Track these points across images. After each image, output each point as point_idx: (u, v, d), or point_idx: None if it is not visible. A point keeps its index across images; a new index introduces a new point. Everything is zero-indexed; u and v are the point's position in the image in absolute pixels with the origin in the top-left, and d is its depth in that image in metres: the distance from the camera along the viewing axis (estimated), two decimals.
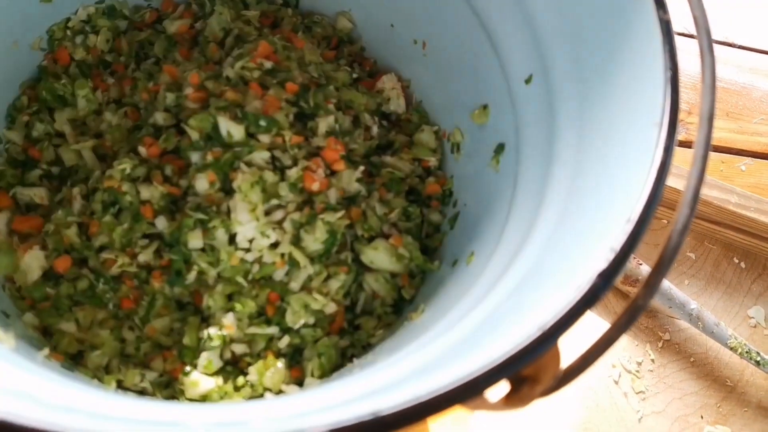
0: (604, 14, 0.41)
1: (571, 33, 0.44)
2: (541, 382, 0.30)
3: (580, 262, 0.31)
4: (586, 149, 0.40)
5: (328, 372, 0.48)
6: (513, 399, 0.29)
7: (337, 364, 0.49)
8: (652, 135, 0.34)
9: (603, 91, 0.40)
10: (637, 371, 0.74)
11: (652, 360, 0.75)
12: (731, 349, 0.72)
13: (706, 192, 0.85)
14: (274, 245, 0.48)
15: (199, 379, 0.45)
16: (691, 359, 0.75)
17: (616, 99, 0.39)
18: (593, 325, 0.73)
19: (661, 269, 0.32)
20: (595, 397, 0.71)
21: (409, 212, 0.55)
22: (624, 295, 0.76)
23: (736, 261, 0.82)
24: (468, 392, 0.25)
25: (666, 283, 0.74)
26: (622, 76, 0.39)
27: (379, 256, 0.51)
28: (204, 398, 0.45)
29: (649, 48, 0.37)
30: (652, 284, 0.32)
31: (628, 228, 0.30)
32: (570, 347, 0.32)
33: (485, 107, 0.54)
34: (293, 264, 0.48)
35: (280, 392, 0.46)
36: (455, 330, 0.35)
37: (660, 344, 0.75)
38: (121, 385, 0.45)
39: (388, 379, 0.32)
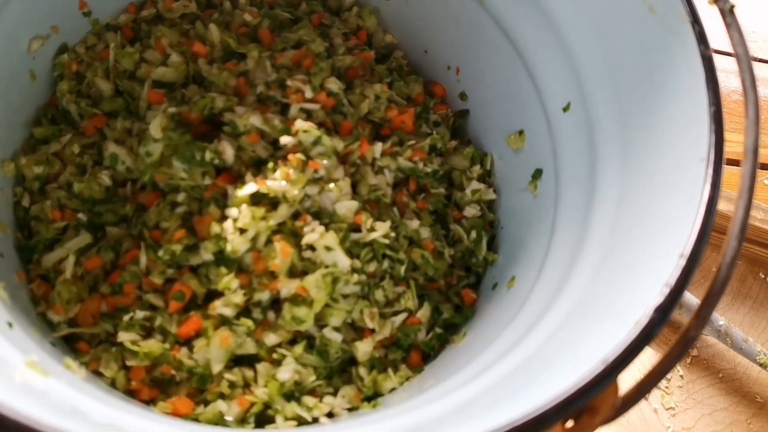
0: (644, 48, 0.43)
1: (610, 65, 0.46)
2: (600, 411, 0.31)
3: (634, 296, 0.32)
4: (629, 181, 0.41)
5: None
6: (574, 429, 0.30)
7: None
8: (699, 171, 0.35)
9: (645, 124, 0.42)
10: (667, 387, 0.74)
11: (681, 376, 0.75)
12: (760, 365, 0.73)
13: (731, 208, 0.86)
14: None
15: None
16: (720, 375, 0.76)
17: (658, 133, 0.40)
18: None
19: (711, 301, 0.34)
20: (625, 414, 0.72)
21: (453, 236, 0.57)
22: None
23: (762, 276, 0.82)
24: (539, 426, 0.26)
25: (694, 300, 0.75)
26: (664, 110, 0.40)
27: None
28: None
29: (691, 83, 0.39)
30: (703, 315, 0.33)
31: (682, 263, 0.31)
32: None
33: (521, 133, 0.56)
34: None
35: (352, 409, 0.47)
36: (508, 360, 0.37)
37: (689, 360, 0.76)
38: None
39: (448, 408, 0.34)
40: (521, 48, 0.55)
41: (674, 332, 0.76)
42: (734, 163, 0.87)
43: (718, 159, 0.35)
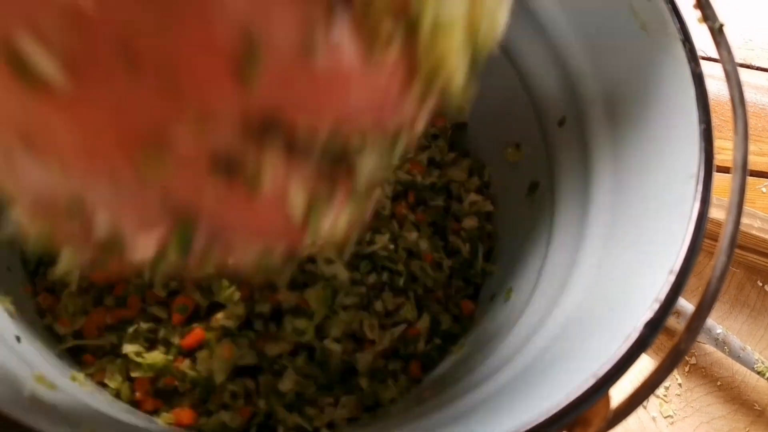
0: (636, 65, 0.44)
1: (603, 80, 0.47)
2: (592, 424, 0.32)
3: (626, 310, 0.33)
4: (622, 196, 0.42)
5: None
6: None
7: None
8: (689, 187, 0.36)
9: (637, 139, 0.43)
10: (665, 395, 0.75)
11: (680, 384, 0.76)
12: (758, 373, 0.74)
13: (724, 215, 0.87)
14: None
15: None
16: (718, 383, 0.76)
17: (650, 149, 0.41)
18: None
19: (701, 314, 0.34)
20: (624, 421, 0.73)
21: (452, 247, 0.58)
22: None
23: (760, 284, 0.83)
24: None
25: (690, 307, 0.76)
26: (656, 127, 0.41)
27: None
28: None
29: (681, 101, 0.39)
30: (693, 328, 0.34)
31: (672, 279, 0.32)
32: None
33: (518, 146, 0.57)
34: None
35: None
36: (504, 372, 0.37)
37: (687, 368, 0.77)
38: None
39: (445, 419, 0.35)
40: (517, 62, 0.56)
41: (670, 339, 0.76)
42: (727, 170, 0.88)
43: (708, 175, 0.36)
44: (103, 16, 0.18)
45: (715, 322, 0.76)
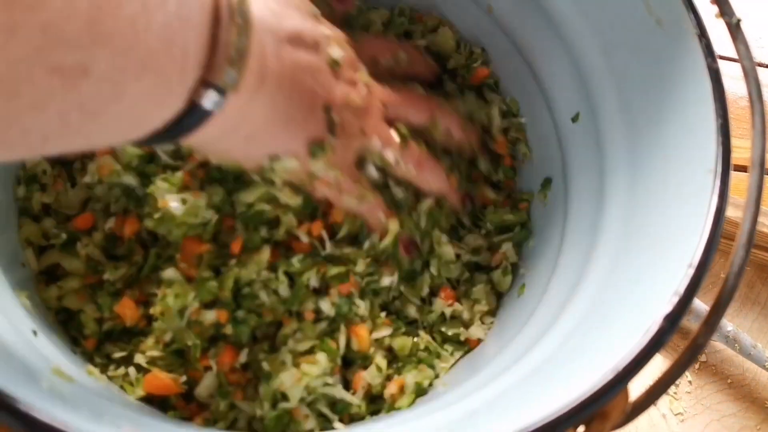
0: (651, 60, 0.44)
1: (618, 76, 0.47)
2: (611, 418, 0.32)
3: (643, 304, 0.33)
4: (637, 191, 0.42)
5: None
6: None
7: None
8: (706, 181, 0.36)
9: (652, 134, 0.42)
10: (675, 393, 0.75)
11: (690, 381, 0.76)
12: None
13: (740, 215, 0.87)
14: None
15: None
16: (728, 380, 0.76)
17: (666, 144, 0.41)
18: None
19: (719, 309, 0.34)
20: (635, 419, 0.73)
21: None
22: None
23: None
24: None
25: (702, 306, 0.76)
26: (672, 122, 0.41)
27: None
28: None
29: (698, 96, 0.39)
30: (711, 323, 0.34)
31: (690, 272, 0.32)
32: None
33: (530, 142, 0.57)
34: None
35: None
36: (519, 367, 0.37)
37: (697, 366, 0.77)
38: None
39: (460, 414, 0.35)
40: (530, 57, 0.56)
41: (682, 338, 0.76)
42: (741, 169, 0.88)
43: (725, 170, 0.36)
44: None
45: (725, 320, 0.75)
